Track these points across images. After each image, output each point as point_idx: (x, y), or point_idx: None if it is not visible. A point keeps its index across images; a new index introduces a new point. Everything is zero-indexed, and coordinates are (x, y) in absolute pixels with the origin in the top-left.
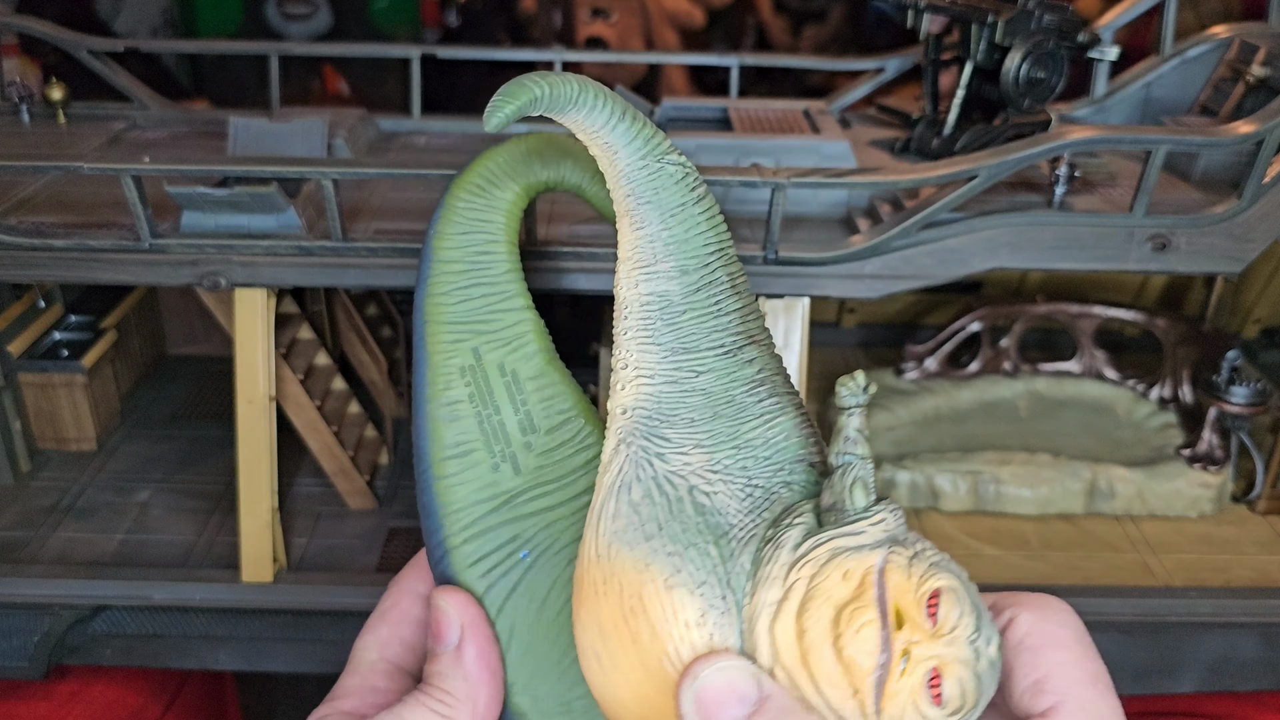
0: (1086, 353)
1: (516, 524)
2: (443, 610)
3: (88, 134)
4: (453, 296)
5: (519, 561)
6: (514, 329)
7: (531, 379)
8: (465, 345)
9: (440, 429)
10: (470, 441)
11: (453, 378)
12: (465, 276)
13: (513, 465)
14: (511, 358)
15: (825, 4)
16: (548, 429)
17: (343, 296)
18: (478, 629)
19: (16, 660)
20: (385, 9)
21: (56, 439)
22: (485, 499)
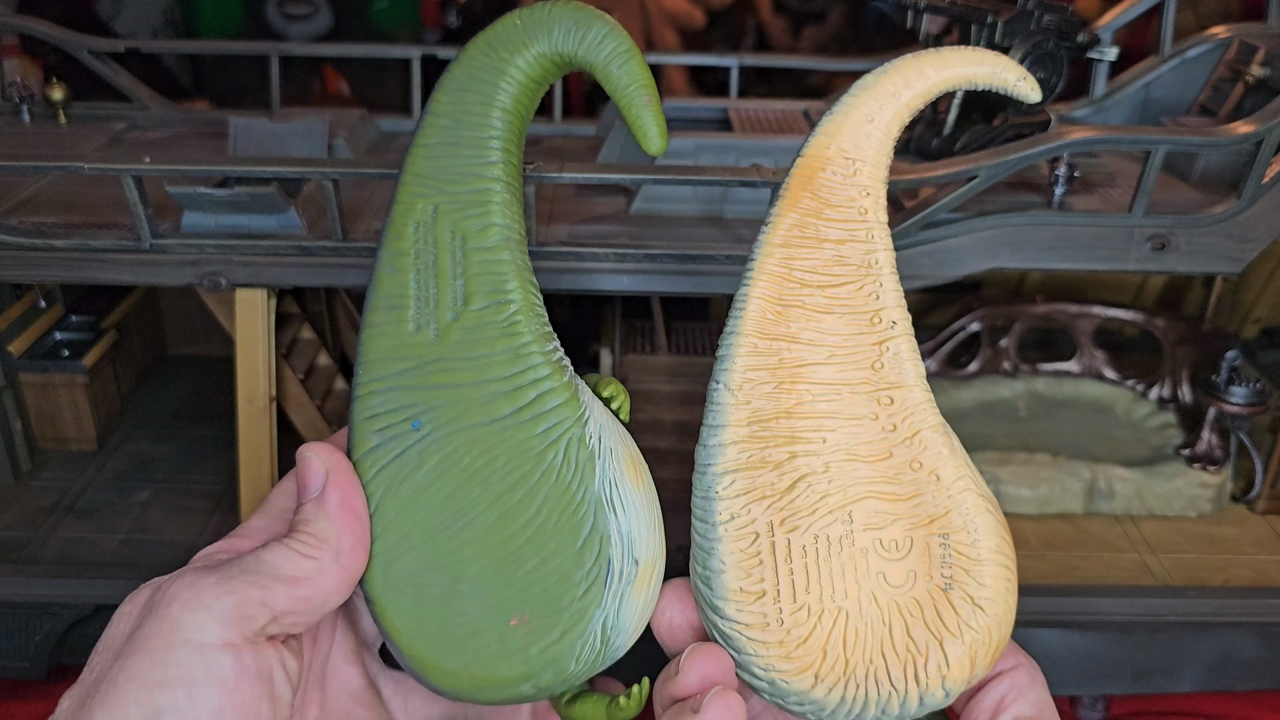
0: (1086, 353)
1: (420, 392)
2: (308, 460)
3: (89, 134)
4: (431, 150)
5: (410, 429)
6: (477, 195)
7: (478, 250)
8: (427, 201)
9: (381, 278)
10: (400, 297)
11: (405, 230)
12: (448, 133)
13: (434, 331)
14: (465, 224)
15: (825, 4)
16: (479, 306)
17: (343, 296)
18: (341, 475)
19: (16, 660)
20: (386, 9)
21: (57, 439)
22: (399, 358)
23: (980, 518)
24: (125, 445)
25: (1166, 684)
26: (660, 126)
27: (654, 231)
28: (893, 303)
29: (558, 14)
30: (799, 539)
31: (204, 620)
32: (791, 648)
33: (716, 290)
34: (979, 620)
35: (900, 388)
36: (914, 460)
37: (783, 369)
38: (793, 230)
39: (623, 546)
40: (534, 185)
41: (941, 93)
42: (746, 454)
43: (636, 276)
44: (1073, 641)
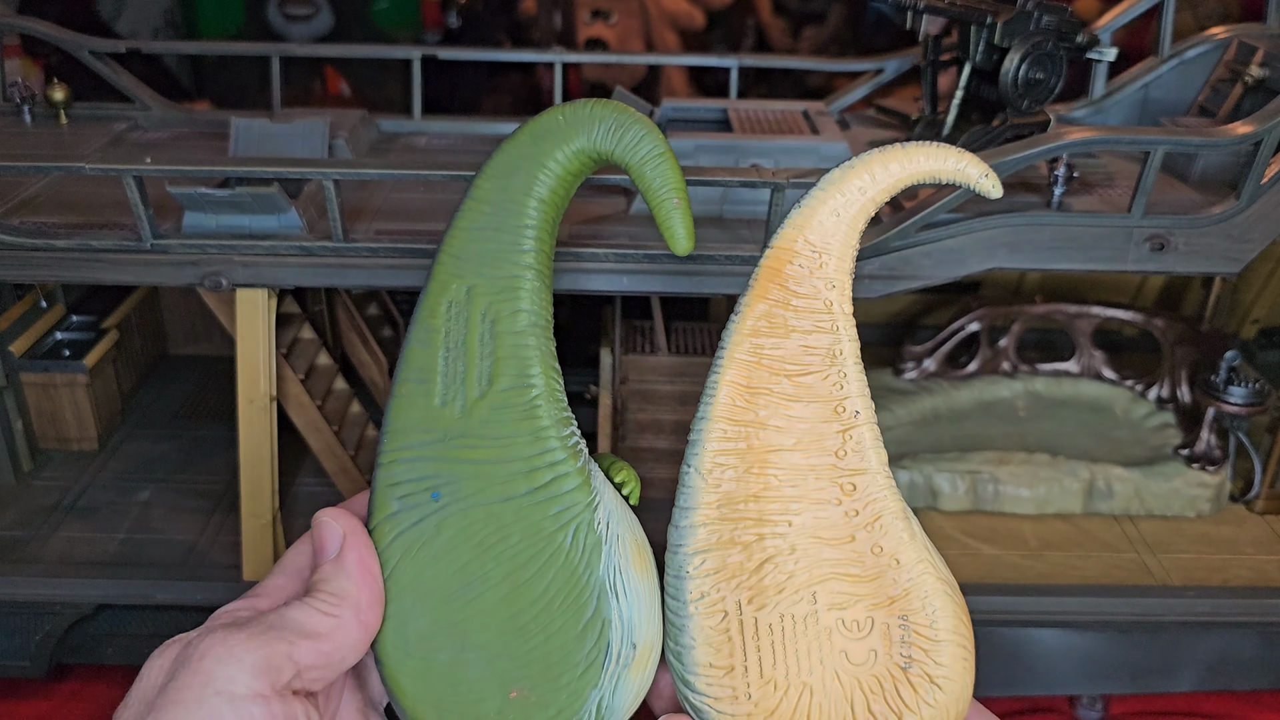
0: (1085, 353)
1: (442, 463)
2: (324, 524)
3: (90, 135)
4: (470, 235)
5: (430, 499)
6: (510, 280)
7: (508, 333)
8: (462, 282)
9: (412, 351)
10: (429, 370)
11: (439, 307)
12: (488, 218)
13: (460, 406)
14: (497, 307)
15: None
16: (504, 387)
17: (344, 297)
18: (358, 538)
19: (18, 659)
20: (386, 10)
21: (58, 439)
22: (424, 429)
23: (938, 599)
24: (126, 445)
25: (1165, 684)
26: (688, 229)
27: (654, 231)
28: (856, 392)
29: (599, 113)
30: (766, 617)
31: (235, 673)
32: (764, 715)
33: (716, 290)
34: (937, 697)
35: (863, 474)
36: (875, 544)
37: (751, 454)
38: (761, 320)
39: (622, 630)
40: None
41: (906, 188)
42: (716, 535)
43: (636, 276)
44: (1072, 641)
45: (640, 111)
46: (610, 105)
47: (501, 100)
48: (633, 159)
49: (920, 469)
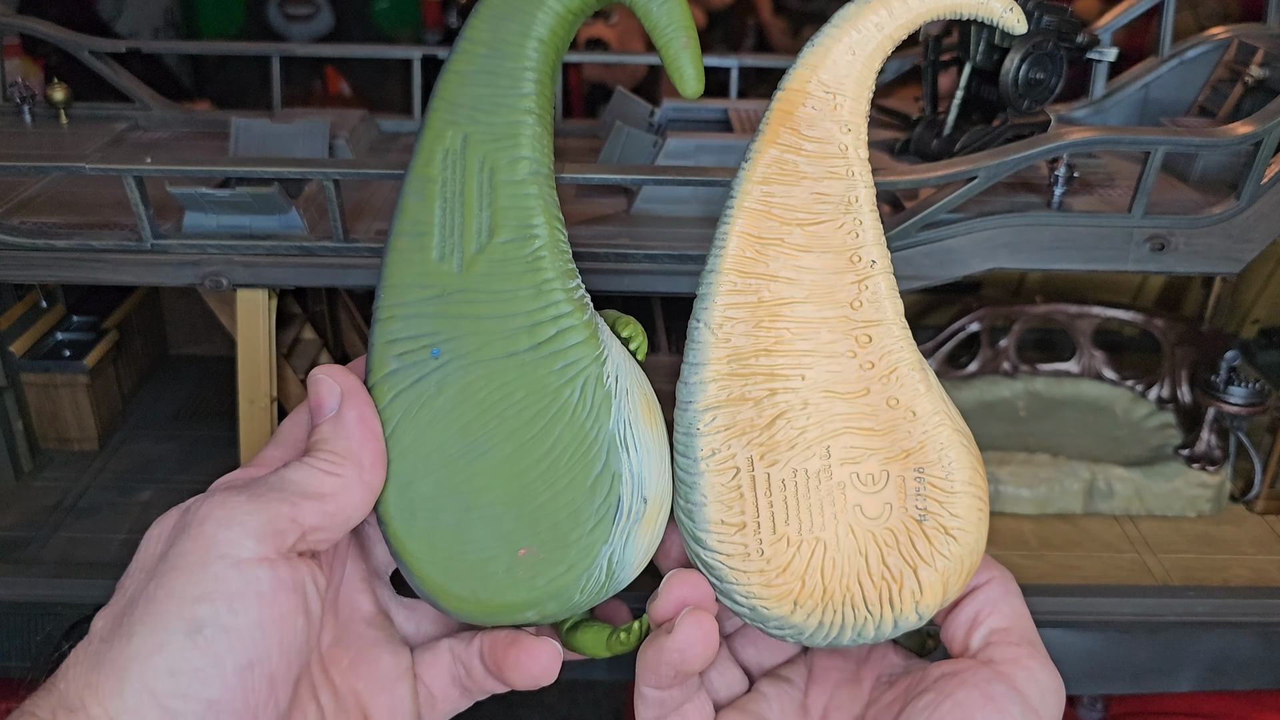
0: (1085, 353)
1: (441, 320)
2: (321, 381)
3: (90, 135)
4: (464, 78)
5: (429, 357)
6: (509, 127)
7: (507, 183)
8: (458, 130)
9: (407, 204)
10: (425, 224)
11: (433, 157)
12: (484, 61)
13: (458, 261)
14: (495, 155)
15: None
16: (504, 239)
17: (345, 297)
18: (356, 394)
19: (17, 660)
20: (387, 10)
21: (59, 439)
22: (421, 285)
23: (954, 451)
24: (127, 445)
25: (1165, 684)
26: (697, 69)
27: (654, 231)
28: (872, 240)
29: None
30: (778, 473)
31: (238, 536)
32: (771, 576)
33: None
34: (951, 549)
35: (878, 324)
36: (891, 397)
37: (762, 307)
38: (771, 167)
39: (633, 485)
40: None
41: (925, 22)
42: (726, 391)
43: (636, 276)
44: (1072, 641)
45: (641, 112)
46: None
47: None
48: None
49: None
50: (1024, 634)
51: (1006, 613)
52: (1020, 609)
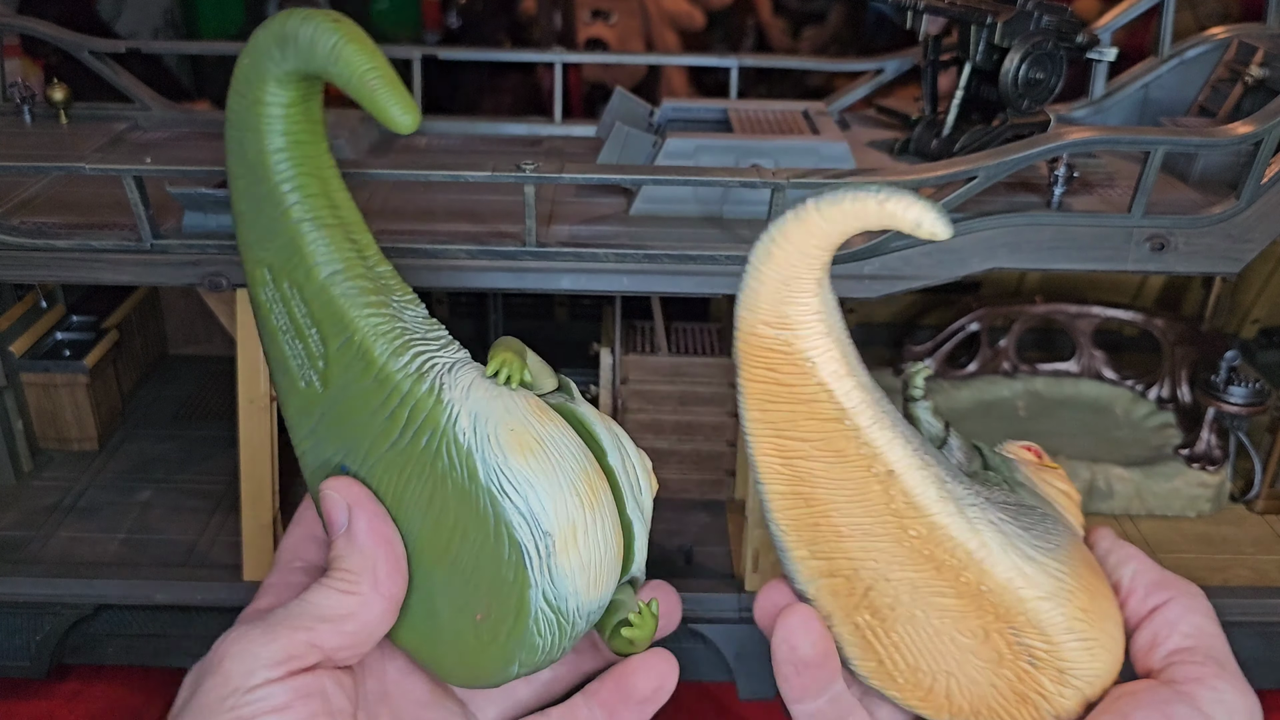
0: (1085, 353)
1: (331, 438)
2: (329, 497)
3: (90, 135)
4: (242, 216)
5: (343, 473)
6: (289, 244)
7: (313, 295)
8: (260, 266)
9: (265, 347)
10: (281, 359)
11: (260, 300)
12: (245, 191)
13: (318, 382)
14: (293, 274)
15: (824, 5)
16: (337, 346)
17: None
18: (364, 504)
19: (18, 659)
20: (386, 10)
21: (59, 439)
22: (305, 413)
23: (1036, 610)
24: (126, 445)
25: None
26: (402, 101)
27: (654, 231)
28: (882, 446)
29: (264, 35)
30: (891, 628)
31: (254, 667)
32: (920, 696)
33: (716, 290)
34: (1075, 682)
35: (923, 518)
36: (959, 575)
37: (814, 510)
38: (759, 398)
39: (528, 525)
40: (534, 186)
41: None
42: (816, 570)
43: (636, 276)
44: None
45: (640, 112)
46: (275, 21)
47: (502, 100)
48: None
49: None
50: (1210, 652)
51: (1187, 631)
52: (1206, 626)
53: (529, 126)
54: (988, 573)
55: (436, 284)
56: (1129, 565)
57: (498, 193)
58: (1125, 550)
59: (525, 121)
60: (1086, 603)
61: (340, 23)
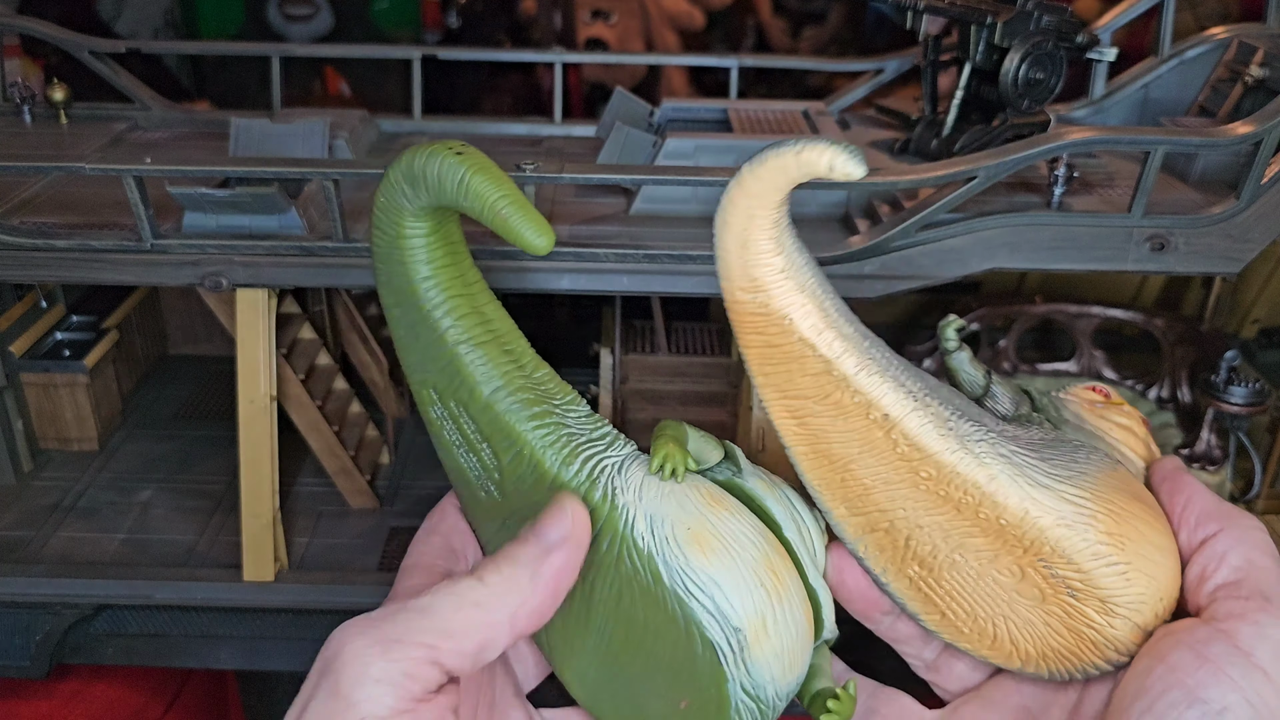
0: (1085, 353)
1: None
2: (563, 510)
3: (90, 135)
4: (401, 341)
5: None
6: (450, 367)
7: (479, 412)
8: (426, 387)
9: (442, 461)
10: (459, 471)
11: (430, 416)
12: (401, 322)
13: (497, 492)
14: (457, 394)
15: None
16: (509, 460)
17: (344, 297)
18: (576, 550)
19: (18, 659)
20: (386, 10)
21: (59, 439)
22: (488, 520)
23: (1060, 534)
24: (126, 445)
25: None
26: (536, 224)
27: (654, 231)
28: (875, 394)
29: (394, 174)
30: (940, 577)
31: (377, 694)
32: (986, 644)
33: (716, 290)
34: (1120, 609)
35: (930, 459)
36: (978, 512)
37: (834, 466)
38: (757, 363)
39: (718, 623)
40: (534, 186)
41: (785, 191)
42: (857, 527)
43: (636, 276)
44: None
45: (640, 112)
46: (404, 159)
47: (501, 100)
48: (448, 200)
49: None
50: (1258, 586)
51: (1235, 564)
52: (1256, 558)
53: (529, 126)
54: (1002, 505)
55: None
56: (1181, 495)
57: None
58: (1179, 480)
59: (525, 121)
60: (1113, 526)
61: (464, 154)
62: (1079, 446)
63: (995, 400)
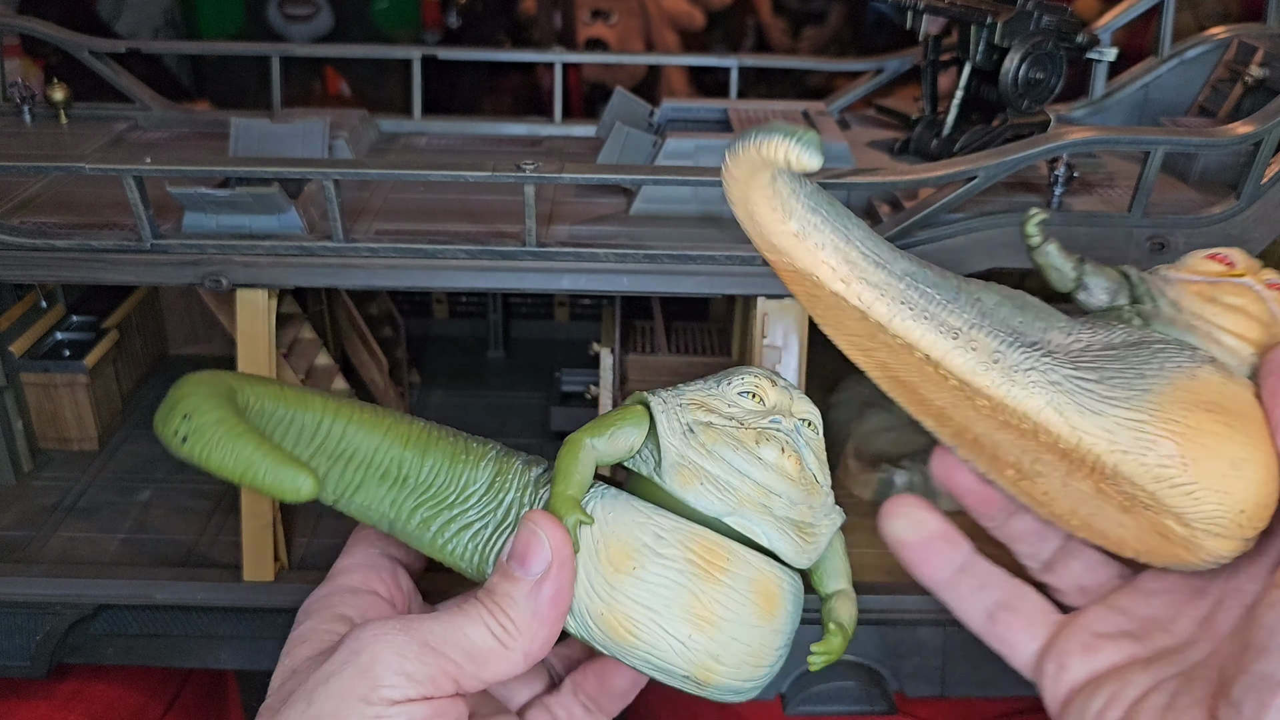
0: None
1: None
2: (537, 537)
3: (89, 135)
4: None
5: None
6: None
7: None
8: None
9: None
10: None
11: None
12: None
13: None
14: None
15: (824, 5)
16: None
17: (344, 297)
18: (564, 570)
19: (18, 659)
20: (386, 10)
21: (58, 439)
22: None
23: (1116, 459)
24: (127, 445)
25: None
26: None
27: (654, 231)
28: (912, 338)
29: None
30: (1032, 481)
31: (402, 683)
32: (1096, 537)
33: (716, 290)
34: (1200, 531)
35: (979, 393)
36: (1037, 437)
37: (909, 389)
38: (812, 307)
39: (668, 675)
40: (534, 186)
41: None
42: (949, 434)
43: (636, 276)
44: None
45: (640, 112)
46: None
47: (501, 100)
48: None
49: (920, 469)
50: None
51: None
52: None
53: (529, 126)
54: (1057, 434)
55: (436, 284)
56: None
57: (498, 193)
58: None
59: (525, 121)
60: (1174, 448)
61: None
62: (1157, 352)
63: (1088, 292)
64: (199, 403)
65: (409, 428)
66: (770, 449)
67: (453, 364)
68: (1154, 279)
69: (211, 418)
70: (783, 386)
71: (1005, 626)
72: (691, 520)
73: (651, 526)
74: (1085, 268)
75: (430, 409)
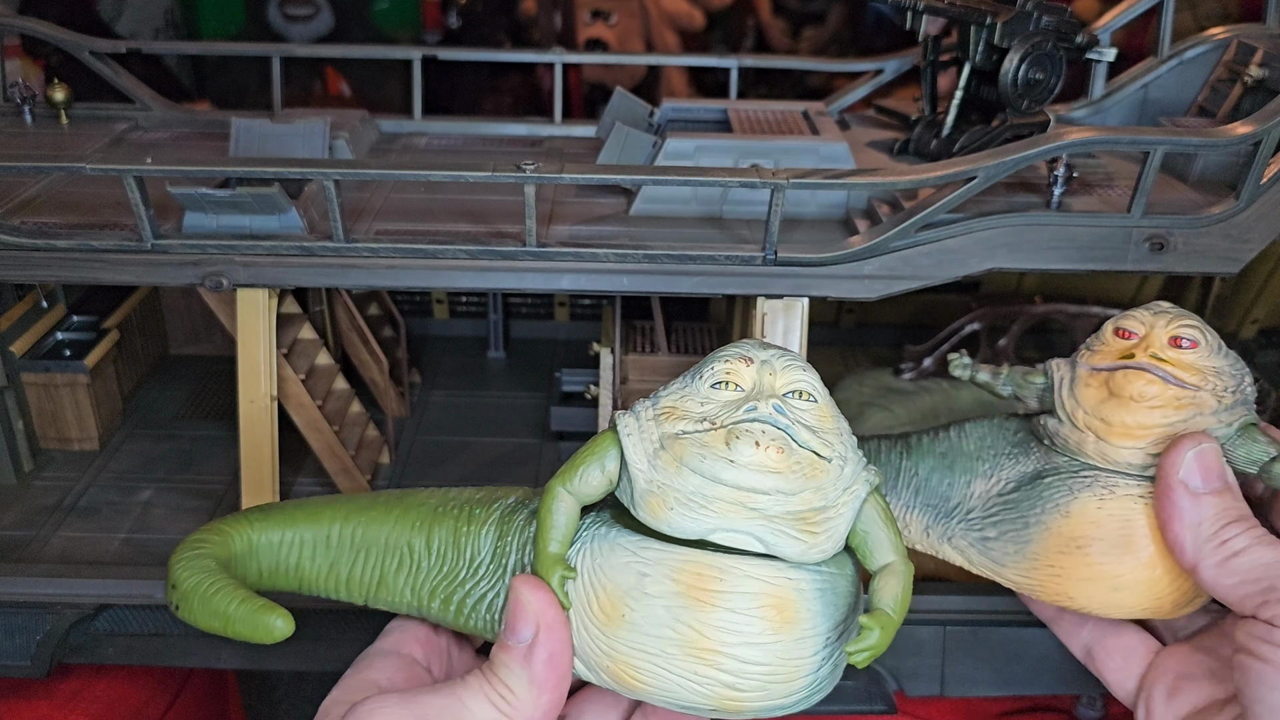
0: None
1: None
2: (521, 604)
3: (90, 135)
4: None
5: None
6: None
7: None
8: None
9: None
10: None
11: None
12: None
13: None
14: None
15: (824, 6)
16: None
17: (344, 297)
18: (554, 633)
19: (19, 659)
20: (386, 11)
21: (59, 438)
22: None
23: (1028, 592)
24: (127, 445)
25: None
26: (263, 621)
27: (654, 231)
28: None
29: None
30: None
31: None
32: None
33: (716, 290)
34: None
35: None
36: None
37: None
38: None
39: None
40: (534, 186)
41: None
42: None
43: (636, 276)
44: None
45: (640, 112)
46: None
47: (502, 100)
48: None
49: None
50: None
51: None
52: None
53: (529, 126)
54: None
55: (436, 284)
56: (1169, 527)
57: (498, 193)
58: (1164, 504)
59: (525, 121)
60: (1057, 589)
61: (181, 607)
62: (1043, 491)
63: (1023, 403)
64: (180, 572)
65: (415, 509)
66: (743, 447)
67: (453, 364)
68: (1066, 373)
69: (191, 584)
70: (763, 361)
71: (1101, 663)
72: (681, 544)
73: (636, 566)
74: (1014, 380)
75: (430, 409)
